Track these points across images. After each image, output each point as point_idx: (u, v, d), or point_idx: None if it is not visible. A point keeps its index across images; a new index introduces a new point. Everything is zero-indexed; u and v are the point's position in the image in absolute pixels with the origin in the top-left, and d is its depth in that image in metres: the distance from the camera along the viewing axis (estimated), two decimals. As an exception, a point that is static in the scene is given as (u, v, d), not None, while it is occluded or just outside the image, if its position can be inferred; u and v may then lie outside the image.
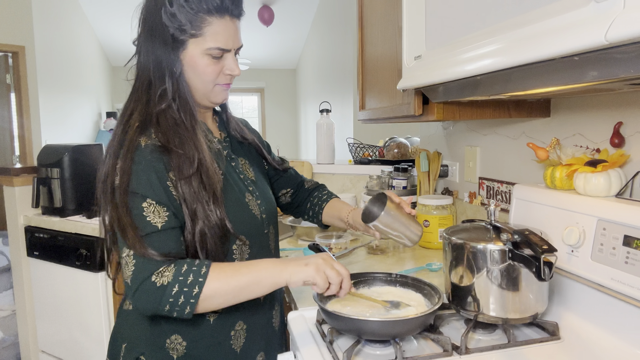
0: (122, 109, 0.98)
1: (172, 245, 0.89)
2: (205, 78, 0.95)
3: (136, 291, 0.86)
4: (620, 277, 0.86)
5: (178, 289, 0.84)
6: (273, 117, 8.19)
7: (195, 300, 0.85)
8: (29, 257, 2.45)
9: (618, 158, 0.97)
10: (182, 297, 0.84)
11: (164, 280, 0.85)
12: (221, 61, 0.96)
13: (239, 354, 1.03)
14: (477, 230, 1.01)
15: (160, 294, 0.85)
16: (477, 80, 0.89)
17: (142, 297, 0.86)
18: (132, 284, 0.86)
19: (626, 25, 0.50)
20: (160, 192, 0.89)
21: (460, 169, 1.73)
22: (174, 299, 0.85)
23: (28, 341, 2.53)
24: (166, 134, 0.92)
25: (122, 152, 0.90)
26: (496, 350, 0.91)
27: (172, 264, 0.87)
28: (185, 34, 0.91)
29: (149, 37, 0.93)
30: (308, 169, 2.36)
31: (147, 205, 0.88)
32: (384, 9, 1.46)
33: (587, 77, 0.65)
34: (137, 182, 0.88)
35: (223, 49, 0.94)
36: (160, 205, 0.89)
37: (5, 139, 4.67)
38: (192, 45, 0.92)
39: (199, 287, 0.85)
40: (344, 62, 4.78)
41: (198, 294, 0.85)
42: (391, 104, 1.41)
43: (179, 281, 0.85)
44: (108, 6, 5.65)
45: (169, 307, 0.85)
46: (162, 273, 0.85)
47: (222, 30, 0.93)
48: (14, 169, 2.47)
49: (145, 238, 0.86)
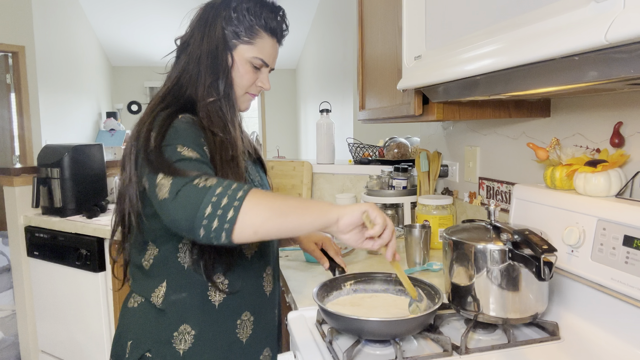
0: (158, 96, 1.01)
1: (209, 170, 0.87)
2: (242, 83, 1.03)
3: (177, 195, 0.78)
4: (620, 277, 0.86)
5: (222, 190, 0.77)
6: (273, 117, 8.19)
7: (240, 202, 0.76)
8: (29, 257, 2.45)
9: (618, 158, 0.97)
10: (226, 198, 0.76)
11: (207, 182, 0.79)
12: (257, 73, 1.05)
13: (245, 345, 1.03)
14: (477, 230, 1.01)
15: (203, 194, 0.77)
16: (477, 80, 0.89)
17: (182, 199, 0.78)
18: (172, 190, 0.79)
19: (626, 26, 0.50)
20: (199, 147, 0.89)
21: (460, 169, 1.73)
22: (217, 198, 0.76)
23: (28, 341, 2.53)
24: (210, 119, 0.96)
25: (157, 122, 0.91)
26: (496, 350, 0.91)
27: (213, 176, 0.83)
28: (238, 39, 1.00)
29: (205, 34, 0.99)
30: (308, 169, 2.36)
31: (181, 149, 0.87)
32: (384, 9, 1.46)
33: (587, 77, 0.65)
34: (174, 136, 0.89)
35: (264, 62, 1.04)
36: (197, 152, 0.88)
37: (5, 139, 4.67)
38: (241, 50, 1.01)
39: (244, 192, 0.78)
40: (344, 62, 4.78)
41: (242, 197, 0.77)
42: (391, 104, 1.41)
43: (223, 185, 0.78)
44: (108, 6, 5.64)
45: (210, 209, 0.76)
46: (205, 178, 0.80)
47: (269, 47, 1.04)
48: (14, 169, 2.47)
49: (178, 163, 0.84)
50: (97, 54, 6.40)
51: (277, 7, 1.05)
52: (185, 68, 1.00)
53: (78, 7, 5.65)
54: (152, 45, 6.42)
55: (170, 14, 5.63)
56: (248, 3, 1.01)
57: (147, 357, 0.97)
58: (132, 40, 6.43)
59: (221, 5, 1.01)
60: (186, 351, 0.97)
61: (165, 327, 0.97)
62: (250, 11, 1.00)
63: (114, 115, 6.16)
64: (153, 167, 0.86)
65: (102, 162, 2.57)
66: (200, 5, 1.04)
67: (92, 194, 2.48)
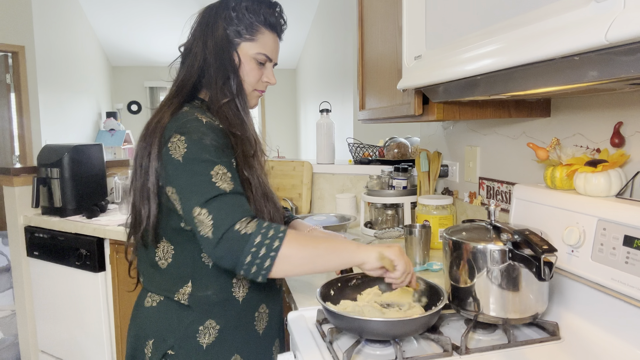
0: (167, 97, 1.04)
1: (244, 204, 0.92)
2: (249, 80, 1.05)
3: (220, 240, 0.86)
4: (621, 277, 0.86)
5: (261, 239, 0.86)
6: (273, 117, 8.19)
7: (276, 253, 0.86)
8: (28, 257, 2.45)
9: (618, 158, 0.97)
10: (264, 248, 0.86)
11: (247, 229, 0.86)
12: (262, 69, 1.07)
13: (261, 335, 1.08)
14: (477, 230, 1.01)
15: (244, 242, 0.86)
16: (477, 80, 0.89)
17: (225, 245, 0.86)
18: (215, 234, 0.86)
19: (626, 25, 0.50)
20: (229, 162, 0.94)
21: (460, 169, 1.73)
22: (256, 248, 0.85)
23: (28, 341, 2.53)
24: (228, 120, 0.99)
25: (178, 125, 0.94)
26: (496, 350, 0.91)
27: (252, 217, 0.90)
28: (240, 37, 1.03)
29: (208, 37, 1.02)
30: (308, 169, 2.36)
31: (215, 173, 0.91)
32: (384, 9, 1.45)
33: (587, 77, 0.65)
34: (203, 148, 0.92)
35: (268, 57, 1.06)
36: (229, 171, 0.92)
37: (5, 139, 4.67)
38: (245, 48, 1.03)
39: (280, 241, 0.87)
40: (344, 62, 4.78)
41: (278, 248, 0.86)
42: (391, 104, 1.41)
43: (261, 233, 0.87)
44: (108, 6, 5.64)
45: (250, 258, 0.85)
46: (245, 223, 0.87)
47: (270, 42, 1.06)
48: (14, 169, 2.47)
49: (214, 200, 0.88)
50: (97, 53, 6.40)
51: (274, 3, 1.08)
52: (191, 72, 1.02)
53: (78, 7, 5.65)
54: (152, 45, 6.42)
55: (170, 14, 5.63)
56: (246, 1, 1.03)
57: (169, 354, 0.98)
58: (132, 40, 6.43)
59: (220, 7, 1.03)
60: (209, 344, 1.00)
61: (190, 323, 0.99)
62: (249, 9, 1.03)
63: (114, 115, 6.16)
64: (186, 192, 0.90)
65: (102, 162, 2.57)
66: (199, 10, 1.06)
67: (92, 194, 2.48)
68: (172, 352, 0.98)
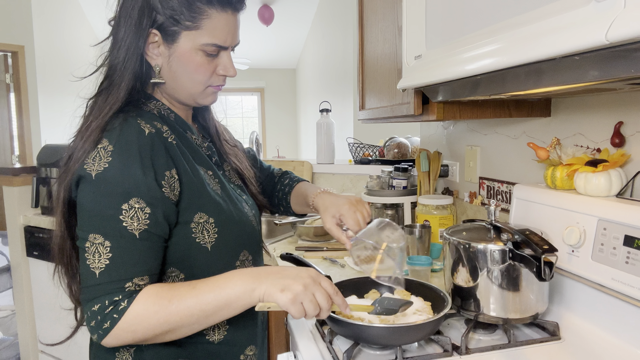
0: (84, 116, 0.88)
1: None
2: (197, 77, 0.84)
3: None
4: (621, 277, 0.86)
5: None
6: (273, 117, 8.19)
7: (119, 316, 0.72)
8: (28, 257, 2.45)
9: (618, 158, 0.97)
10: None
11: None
12: (215, 59, 0.85)
13: (217, 345, 0.89)
14: (477, 230, 1.01)
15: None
16: (477, 79, 0.89)
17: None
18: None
19: (627, 25, 0.50)
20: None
21: (460, 169, 1.72)
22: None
23: (28, 341, 2.53)
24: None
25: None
26: (496, 350, 0.91)
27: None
28: (179, 25, 0.80)
29: (128, 23, 0.82)
30: (308, 169, 2.36)
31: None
32: (384, 9, 1.45)
33: (587, 77, 0.65)
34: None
35: (220, 46, 0.83)
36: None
37: (5, 139, 4.67)
38: (185, 39, 0.81)
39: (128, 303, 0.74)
40: (344, 62, 4.78)
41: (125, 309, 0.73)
42: (391, 103, 1.41)
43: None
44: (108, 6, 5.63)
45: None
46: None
47: (221, 26, 0.82)
48: (14, 169, 2.47)
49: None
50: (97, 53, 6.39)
51: None
52: (110, 69, 0.86)
53: (78, 6, 5.65)
54: (152, 45, 6.40)
55: (170, 14, 5.62)
56: None
57: None
58: (132, 40, 6.41)
59: None
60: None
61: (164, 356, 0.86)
62: None
63: (114, 115, 6.15)
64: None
65: (102, 162, 2.57)
66: None
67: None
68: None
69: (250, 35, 6.23)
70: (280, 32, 6.45)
